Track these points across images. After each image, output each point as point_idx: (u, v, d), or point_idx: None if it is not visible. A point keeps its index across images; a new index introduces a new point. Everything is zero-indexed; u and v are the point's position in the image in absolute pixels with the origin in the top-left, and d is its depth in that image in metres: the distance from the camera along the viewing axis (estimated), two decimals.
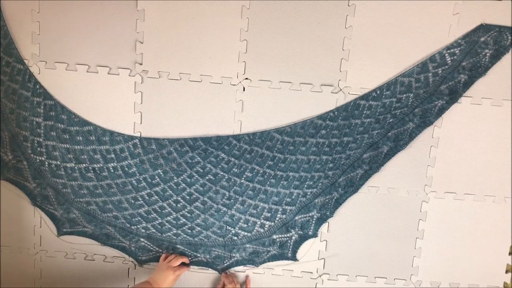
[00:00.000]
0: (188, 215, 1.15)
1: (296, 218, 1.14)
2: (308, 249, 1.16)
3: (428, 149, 1.11)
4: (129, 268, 1.19)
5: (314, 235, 1.15)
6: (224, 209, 1.14)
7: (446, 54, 1.06)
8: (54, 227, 1.17)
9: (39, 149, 1.12)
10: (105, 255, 1.19)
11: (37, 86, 1.10)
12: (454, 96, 1.07)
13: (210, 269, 1.18)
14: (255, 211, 1.14)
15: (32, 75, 1.09)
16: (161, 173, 1.13)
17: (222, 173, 1.13)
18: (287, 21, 1.06)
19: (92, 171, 1.13)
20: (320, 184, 1.12)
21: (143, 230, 1.17)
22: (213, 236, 1.16)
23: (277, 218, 1.14)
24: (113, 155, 1.12)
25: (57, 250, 1.19)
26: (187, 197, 1.14)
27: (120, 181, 1.13)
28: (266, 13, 1.06)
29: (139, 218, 1.16)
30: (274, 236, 1.15)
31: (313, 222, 1.14)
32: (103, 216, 1.16)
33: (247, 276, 1.17)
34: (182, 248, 1.17)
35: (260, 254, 1.17)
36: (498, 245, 1.15)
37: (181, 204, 1.14)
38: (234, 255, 1.17)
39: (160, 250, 1.17)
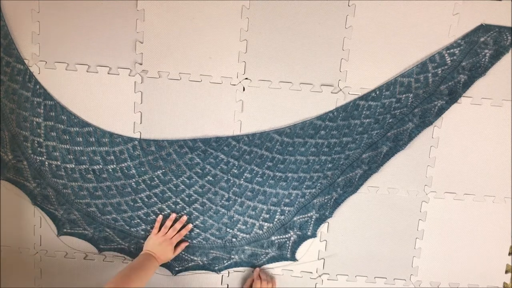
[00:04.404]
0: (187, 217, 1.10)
1: (295, 218, 1.09)
2: (307, 249, 1.10)
3: (428, 149, 1.06)
4: None
5: (313, 235, 1.09)
6: (223, 210, 1.09)
7: (446, 54, 1.01)
8: (55, 226, 1.11)
9: (39, 149, 1.07)
10: (105, 255, 1.12)
11: (37, 86, 1.04)
12: (453, 96, 1.02)
13: (207, 271, 1.12)
14: (253, 213, 1.09)
15: (32, 75, 1.03)
16: (161, 174, 1.07)
17: (221, 174, 1.07)
18: (287, 21, 1.01)
19: (92, 172, 1.07)
20: (319, 184, 1.07)
21: (142, 232, 1.10)
22: (212, 238, 1.10)
23: (275, 219, 1.09)
24: (112, 157, 1.06)
25: (57, 250, 1.12)
26: (186, 198, 1.08)
27: (119, 183, 1.07)
28: (266, 13, 1.00)
29: (138, 221, 1.09)
30: (273, 238, 1.10)
31: (312, 222, 1.09)
32: (102, 219, 1.10)
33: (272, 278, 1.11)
34: (180, 252, 1.11)
35: (259, 256, 1.11)
36: (498, 245, 1.10)
37: (180, 205, 1.08)
38: (233, 256, 1.12)
39: None
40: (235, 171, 1.07)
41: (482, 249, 1.10)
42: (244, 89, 1.04)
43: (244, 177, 1.07)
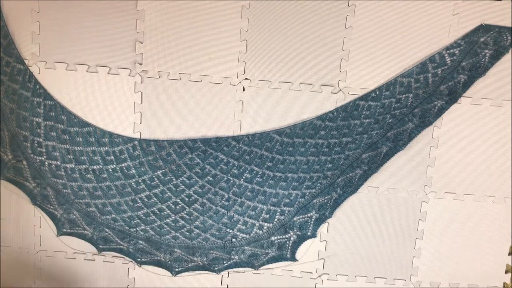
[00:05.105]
0: (187, 217, 1.08)
1: (295, 219, 1.08)
2: (307, 249, 1.10)
3: (427, 149, 1.05)
4: (128, 268, 1.12)
5: (313, 235, 1.08)
6: (223, 210, 1.08)
7: (446, 55, 1.00)
8: (54, 226, 1.10)
9: (39, 149, 1.06)
10: (105, 255, 1.12)
11: (37, 86, 1.03)
12: (453, 96, 1.01)
13: (207, 271, 1.11)
14: (253, 213, 1.08)
15: (32, 75, 1.03)
16: (160, 175, 1.06)
17: (221, 174, 1.07)
18: (287, 21, 1.00)
19: (91, 172, 1.07)
20: (319, 184, 1.06)
21: (142, 233, 1.10)
22: (212, 238, 1.10)
23: (275, 220, 1.08)
24: (112, 157, 1.06)
25: (57, 250, 1.12)
26: (186, 198, 1.08)
27: (119, 183, 1.07)
28: (266, 13, 1.00)
29: (138, 221, 1.09)
30: (273, 238, 1.09)
31: (312, 222, 1.08)
32: (102, 219, 1.09)
33: None
34: (180, 252, 1.10)
35: (259, 256, 1.11)
36: (498, 245, 1.09)
37: (180, 206, 1.08)
38: (233, 257, 1.11)
39: (159, 253, 1.11)
40: (235, 171, 1.06)
41: (482, 249, 1.10)
42: (244, 89, 1.04)
43: (244, 177, 1.06)
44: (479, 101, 1.03)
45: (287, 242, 1.10)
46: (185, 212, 1.08)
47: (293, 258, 1.10)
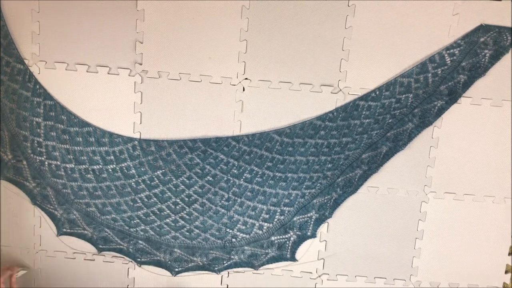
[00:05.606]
0: (187, 217, 1.08)
1: (295, 219, 1.08)
2: (307, 250, 1.09)
3: (427, 150, 1.05)
4: (128, 268, 1.12)
5: (313, 235, 1.08)
6: (223, 210, 1.08)
7: (446, 55, 1.00)
8: (54, 226, 1.10)
9: (39, 149, 1.06)
10: (105, 255, 1.11)
11: (37, 86, 1.03)
12: (453, 96, 1.01)
13: (206, 271, 1.11)
14: (253, 213, 1.08)
15: (32, 75, 1.02)
16: (160, 175, 1.06)
17: (221, 174, 1.06)
18: (287, 21, 1.00)
19: (91, 172, 1.07)
20: (319, 184, 1.06)
21: (141, 233, 1.10)
22: (212, 238, 1.09)
23: (275, 220, 1.08)
24: (112, 157, 1.06)
25: (57, 250, 1.11)
26: (186, 198, 1.07)
27: (119, 183, 1.07)
28: (266, 13, 0.99)
29: (138, 221, 1.08)
30: (273, 238, 1.09)
31: (312, 222, 1.08)
32: (102, 219, 1.09)
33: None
34: (180, 252, 1.10)
35: (259, 256, 1.10)
36: (498, 245, 1.08)
37: (180, 206, 1.08)
38: (233, 257, 1.11)
39: (159, 253, 1.11)
40: (235, 171, 1.06)
41: (482, 249, 1.09)
42: (244, 89, 1.03)
43: (244, 177, 1.06)
44: (479, 101, 1.03)
45: (287, 242, 1.09)
46: (185, 212, 1.08)
47: (293, 258, 1.10)
